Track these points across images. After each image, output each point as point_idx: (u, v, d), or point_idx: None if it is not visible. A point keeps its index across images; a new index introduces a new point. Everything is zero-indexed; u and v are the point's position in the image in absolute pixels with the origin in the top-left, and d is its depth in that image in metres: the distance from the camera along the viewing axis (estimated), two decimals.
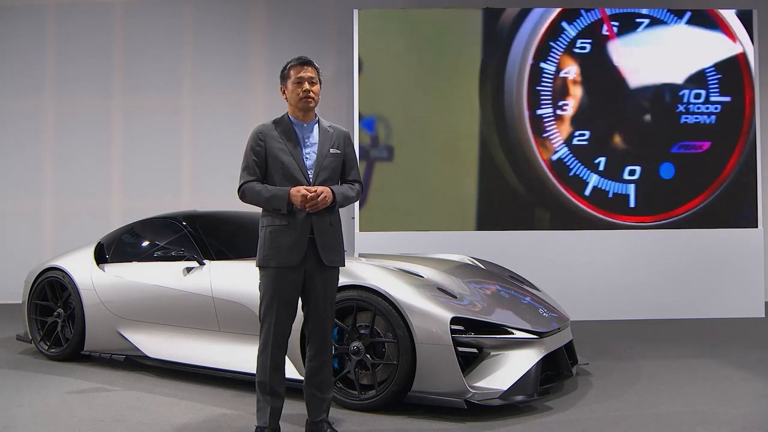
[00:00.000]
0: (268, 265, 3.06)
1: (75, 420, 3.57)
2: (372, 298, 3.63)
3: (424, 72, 7.32)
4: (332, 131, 3.22)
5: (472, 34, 7.29)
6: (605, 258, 7.13)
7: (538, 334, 3.75)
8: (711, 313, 7.07)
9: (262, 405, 3.09)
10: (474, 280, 4.24)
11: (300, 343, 3.66)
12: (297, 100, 3.13)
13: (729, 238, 7.18)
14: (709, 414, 3.60)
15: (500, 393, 3.47)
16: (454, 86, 7.28)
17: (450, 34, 7.33)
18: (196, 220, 4.84)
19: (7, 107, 8.69)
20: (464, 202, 7.21)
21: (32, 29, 8.67)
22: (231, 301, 4.14)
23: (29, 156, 8.67)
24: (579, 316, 5.96)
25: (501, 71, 7.25)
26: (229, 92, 8.58)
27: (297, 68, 3.13)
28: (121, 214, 8.36)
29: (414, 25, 7.36)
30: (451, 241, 6.88)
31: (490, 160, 7.21)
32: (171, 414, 3.68)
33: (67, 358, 4.94)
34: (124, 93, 8.63)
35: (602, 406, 3.75)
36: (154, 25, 8.63)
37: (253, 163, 3.11)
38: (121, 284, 4.75)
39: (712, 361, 4.92)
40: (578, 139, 7.21)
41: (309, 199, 2.98)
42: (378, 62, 7.30)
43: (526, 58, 7.26)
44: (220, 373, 4.19)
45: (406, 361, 3.50)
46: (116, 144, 8.64)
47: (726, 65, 7.26)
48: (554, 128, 7.23)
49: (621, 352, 5.25)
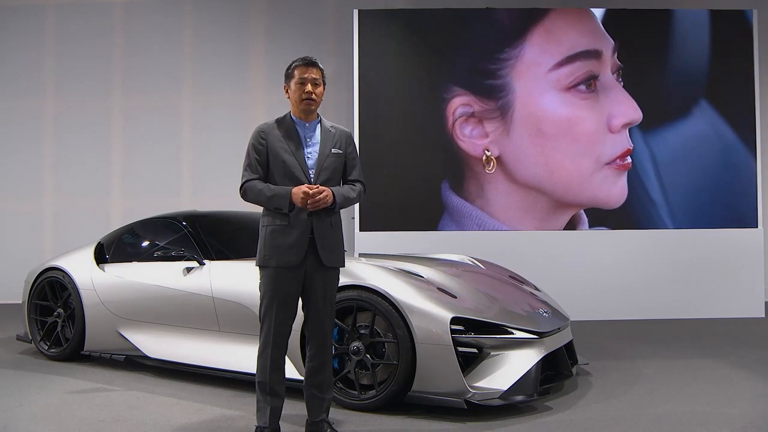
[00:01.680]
0: (268, 264, 3.06)
1: (75, 420, 3.57)
2: (372, 298, 3.63)
3: (424, 72, 7.33)
4: (334, 131, 3.22)
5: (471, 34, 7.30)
6: (605, 258, 7.13)
7: (538, 334, 3.76)
8: (711, 313, 7.07)
9: (262, 405, 3.09)
10: (474, 280, 4.24)
11: (300, 343, 3.66)
12: (299, 101, 3.12)
13: (729, 238, 7.18)
14: (709, 414, 3.60)
15: (500, 393, 3.47)
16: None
17: (450, 34, 7.34)
18: (196, 220, 4.83)
19: (7, 107, 8.69)
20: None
21: (32, 29, 8.67)
22: (231, 301, 4.13)
23: (29, 156, 8.67)
24: (579, 316, 5.95)
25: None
26: (229, 92, 8.58)
27: (301, 68, 3.12)
28: (121, 214, 8.36)
29: (414, 25, 7.36)
30: (451, 241, 6.88)
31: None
32: (171, 414, 3.68)
33: (67, 358, 4.93)
34: (124, 93, 8.63)
35: (602, 406, 3.75)
36: (154, 25, 8.63)
37: (255, 161, 3.11)
38: (121, 284, 4.75)
39: (712, 361, 4.92)
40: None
41: (311, 195, 2.97)
42: (378, 62, 7.30)
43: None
44: (220, 373, 4.19)
45: (406, 361, 3.50)
46: (116, 144, 8.64)
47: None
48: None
49: (621, 352, 5.25)
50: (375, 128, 7.27)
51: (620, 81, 7.20)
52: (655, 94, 7.27)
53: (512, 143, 7.20)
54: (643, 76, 7.26)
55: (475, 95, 7.22)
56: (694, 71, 7.30)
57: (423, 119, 7.30)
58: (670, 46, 7.33)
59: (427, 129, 7.28)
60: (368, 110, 7.28)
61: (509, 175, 7.20)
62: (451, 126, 7.25)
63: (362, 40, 7.28)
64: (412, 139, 7.30)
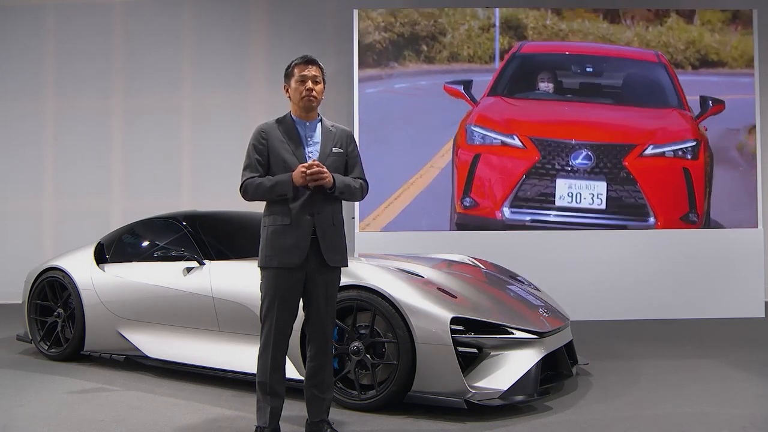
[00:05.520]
0: (269, 265, 3.05)
1: (75, 420, 3.57)
2: (372, 298, 3.63)
3: (424, 71, 7.32)
4: (335, 130, 3.22)
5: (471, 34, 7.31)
6: (605, 258, 7.13)
7: (538, 334, 3.75)
8: (711, 313, 7.07)
9: (262, 405, 3.09)
10: (474, 280, 4.24)
11: (300, 343, 3.66)
12: (299, 99, 3.12)
13: (729, 238, 7.18)
14: (709, 414, 3.60)
15: (500, 393, 3.47)
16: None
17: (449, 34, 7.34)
18: (196, 220, 4.83)
19: (7, 107, 8.69)
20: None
21: (32, 29, 8.67)
22: (231, 301, 4.13)
23: (29, 156, 8.67)
24: (579, 316, 5.95)
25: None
26: (229, 92, 8.58)
27: (301, 67, 3.12)
28: (121, 214, 8.36)
29: (414, 25, 7.36)
30: (451, 241, 6.88)
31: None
32: (171, 414, 3.68)
33: (67, 358, 4.93)
34: (124, 93, 8.63)
35: (602, 406, 3.75)
36: (154, 25, 8.63)
37: (256, 161, 3.10)
38: (121, 284, 4.75)
39: (712, 361, 4.92)
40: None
41: (308, 167, 2.95)
42: (378, 62, 7.30)
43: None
44: (220, 373, 4.19)
45: (406, 361, 3.50)
46: (116, 144, 8.64)
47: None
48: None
49: (621, 352, 5.25)
50: (375, 128, 7.28)
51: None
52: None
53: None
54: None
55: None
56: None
57: (423, 119, 7.31)
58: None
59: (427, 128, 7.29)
60: (368, 110, 7.28)
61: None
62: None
63: (362, 40, 7.29)
64: (412, 138, 7.30)
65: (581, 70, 7.32)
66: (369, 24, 7.35)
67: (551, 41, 7.40)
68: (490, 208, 7.17)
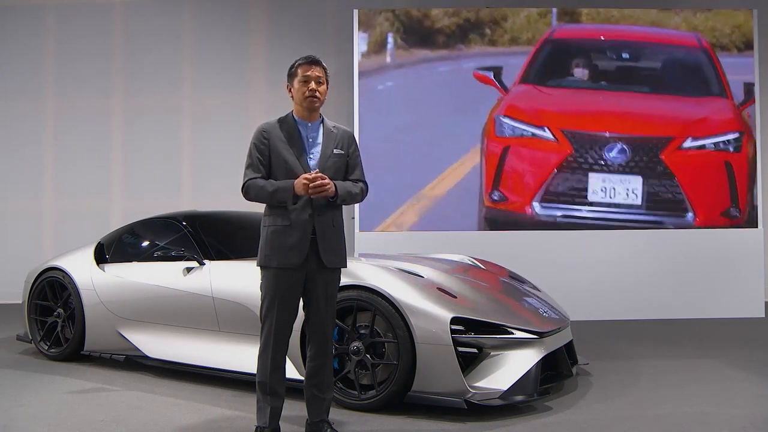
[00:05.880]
0: (269, 265, 3.05)
1: (75, 420, 3.57)
2: (372, 298, 3.63)
3: (424, 71, 7.33)
4: (336, 131, 3.21)
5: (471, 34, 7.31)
6: (605, 258, 7.13)
7: (538, 334, 3.75)
8: (711, 313, 7.07)
9: (262, 405, 3.09)
10: (474, 280, 4.24)
11: (300, 343, 3.66)
12: (302, 99, 3.11)
13: (729, 238, 7.17)
14: (709, 414, 3.60)
15: (500, 393, 3.47)
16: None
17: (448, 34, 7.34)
18: (196, 220, 4.83)
19: (7, 107, 8.69)
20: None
21: (32, 29, 8.67)
22: (231, 301, 4.13)
23: (29, 156, 8.67)
24: (579, 316, 5.95)
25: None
26: (229, 92, 8.58)
27: (304, 67, 3.12)
28: (121, 214, 8.36)
29: (414, 25, 7.36)
30: (451, 241, 6.88)
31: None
32: (171, 414, 3.68)
33: (67, 358, 4.93)
34: (124, 93, 8.63)
35: (602, 406, 3.75)
36: (154, 25, 8.63)
37: (257, 161, 3.10)
38: (121, 284, 4.75)
39: (712, 361, 4.92)
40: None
41: (311, 180, 2.94)
42: (378, 62, 7.30)
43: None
44: (220, 373, 4.19)
45: (406, 361, 3.50)
46: (116, 144, 8.65)
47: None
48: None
49: (621, 352, 5.25)
50: (375, 128, 7.28)
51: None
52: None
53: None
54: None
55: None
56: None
57: (423, 118, 7.31)
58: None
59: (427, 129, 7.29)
60: (368, 110, 7.29)
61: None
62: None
63: (362, 40, 7.29)
64: (412, 138, 7.30)
65: (617, 56, 6.91)
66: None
67: (586, 24, 7.01)
68: (520, 203, 6.92)
